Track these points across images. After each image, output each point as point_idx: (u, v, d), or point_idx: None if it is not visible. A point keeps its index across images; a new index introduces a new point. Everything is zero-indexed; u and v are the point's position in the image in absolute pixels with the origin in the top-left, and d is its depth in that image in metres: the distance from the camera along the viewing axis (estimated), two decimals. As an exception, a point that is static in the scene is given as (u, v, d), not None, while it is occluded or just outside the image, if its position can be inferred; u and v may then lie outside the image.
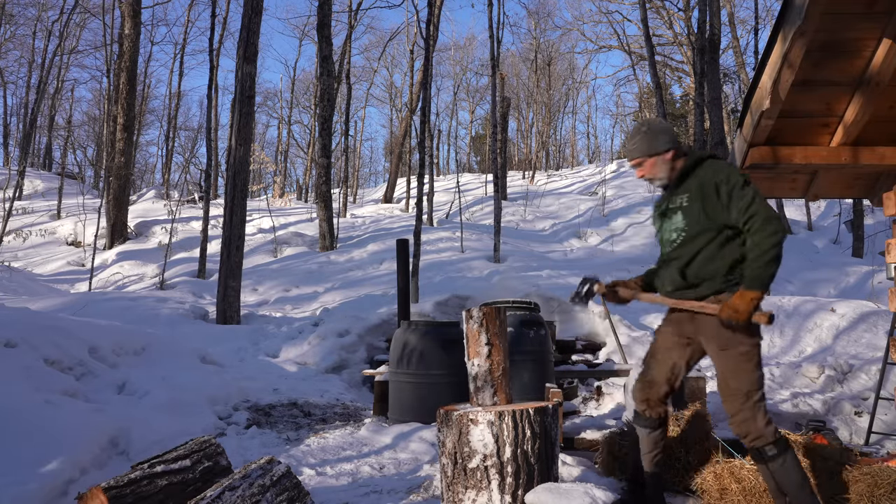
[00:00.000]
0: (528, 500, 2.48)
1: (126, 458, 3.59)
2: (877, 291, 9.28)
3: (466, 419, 2.64)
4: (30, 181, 21.88)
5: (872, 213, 16.04)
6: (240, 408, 5.02)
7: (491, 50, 14.49)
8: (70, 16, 20.07)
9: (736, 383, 2.56)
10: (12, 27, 24.92)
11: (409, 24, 26.32)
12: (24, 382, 3.88)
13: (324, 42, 14.71)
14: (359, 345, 6.87)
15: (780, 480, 2.50)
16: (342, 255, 13.99)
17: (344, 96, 21.67)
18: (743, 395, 2.54)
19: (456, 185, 19.69)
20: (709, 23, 12.11)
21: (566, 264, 12.59)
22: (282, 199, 23.82)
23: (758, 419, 2.52)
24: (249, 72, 9.08)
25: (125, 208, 15.94)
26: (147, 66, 27.91)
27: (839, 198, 4.62)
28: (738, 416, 2.56)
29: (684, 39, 22.44)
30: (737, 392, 2.56)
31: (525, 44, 33.05)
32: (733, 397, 2.57)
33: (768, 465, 2.51)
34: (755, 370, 2.56)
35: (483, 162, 35.73)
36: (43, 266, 14.62)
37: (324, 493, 3.28)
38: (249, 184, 11.70)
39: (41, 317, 5.34)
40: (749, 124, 3.74)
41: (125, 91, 15.52)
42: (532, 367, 4.90)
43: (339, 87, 20.51)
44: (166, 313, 8.35)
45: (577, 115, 49.75)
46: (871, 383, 5.30)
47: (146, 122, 29.98)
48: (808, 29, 3.16)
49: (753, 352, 2.56)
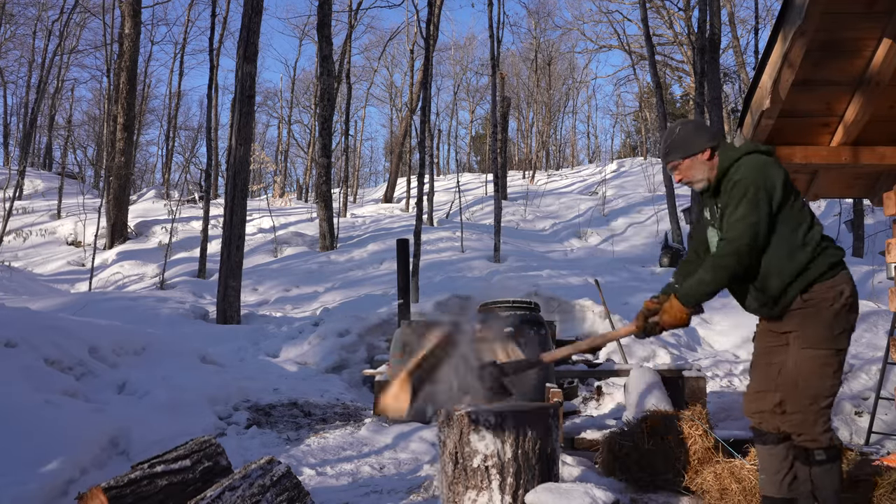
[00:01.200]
0: (529, 500, 2.48)
1: (126, 458, 3.58)
2: (877, 291, 9.27)
3: (467, 419, 2.63)
4: (30, 181, 21.87)
5: (872, 213, 16.03)
6: (240, 408, 5.01)
7: (491, 50, 14.49)
8: (70, 15, 20.06)
9: (805, 384, 2.44)
10: (12, 27, 24.94)
11: (409, 23, 26.35)
12: (24, 382, 3.88)
13: (324, 42, 14.71)
14: (359, 345, 6.87)
15: (820, 486, 2.44)
16: (342, 255, 13.99)
17: (344, 96, 21.68)
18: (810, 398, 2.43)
19: (456, 185, 19.69)
20: (709, 22, 12.11)
21: (566, 264, 12.59)
22: (282, 198, 23.83)
23: (820, 423, 2.42)
24: (249, 71, 9.08)
25: (125, 208, 15.94)
26: (147, 66, 27.92)
27: (839, 198, 4.63)
28: (796, 415, 2.45)
29: (684, 39, 22.45)
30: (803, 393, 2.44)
31: (525, 43, 33.08)
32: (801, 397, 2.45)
33: (812, 468, 2.44)
34: (832, 377, 2.43)
35: (483, 162, 35.74)
36: (43, 266, 14.62)
37: (324, 493, 3.28)
38: (249, 184, 11.70)
39: (41, 317, 5.34)
40: (749, 124, 3.74)
41: (125, 91, 15.53)
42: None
43: (339, 86, 20.51)
44: (166, 313, 8.35)
45: (577, 115, 49.75)
46: (871, 383, 5.29)
47: (146, 121, 30.00)
48: (808, 29, 3.16)
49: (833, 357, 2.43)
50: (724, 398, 5.13)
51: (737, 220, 2.38)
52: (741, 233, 2.36)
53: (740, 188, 2.41)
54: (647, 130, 31.81)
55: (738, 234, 2.37)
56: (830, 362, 2.41)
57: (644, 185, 20.67)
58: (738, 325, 7.03)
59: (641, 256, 13.25)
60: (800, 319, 2.45)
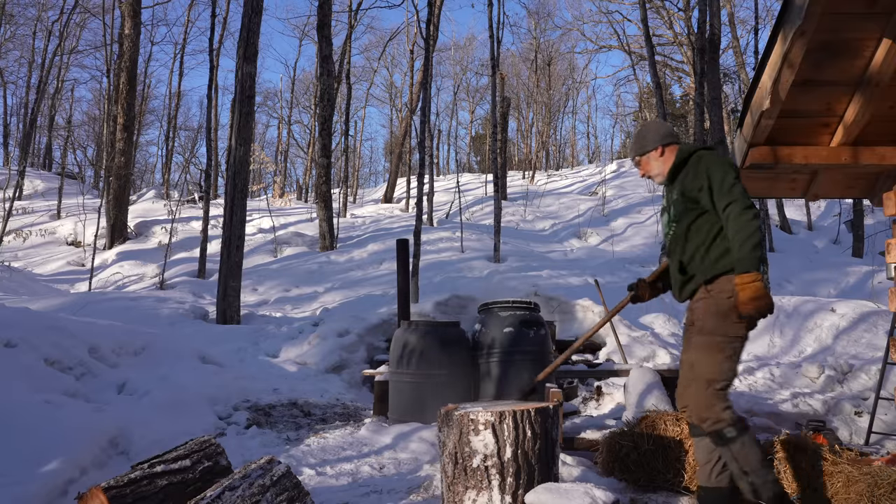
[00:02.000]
0: (529, 500, 2.48)
1: (126, 458, 3.58)
2: (877, 291, 9.28)
3: (467, 419, 2.64)
4: (30, 181, 21.87)
5: (872, 213, 16.04)
6: (240, 408, 5.01)
7: (491, 50, 14.49)
8: (70, 16, 20.09)
9: (700, 368, 2.64)
10: (12, 27, 24.90)
11: (409, 24, 26.35)
12: (24, 382, 3.89)
13: (324, 42, 14.71)
14: (359, 345, 6.86)
15: (742, 461, 2.57)
16: (342, 255, 13.99)
17: (344, 96, 21.66)
18: (705, 382, 2.62)
19: (456, 185, 19.69)
20: (709, 23, 12.11)
21: (566, 264, 12.59)
22: (282, 199, 23.81)
23: (718, 404, 2.59)
24: (249, 72, 9.08)
25: (125, 208, 15.94)
26: (147, 66, 27.96)
27: (839, 198, 4.62)
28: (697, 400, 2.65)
29: (684, 39, 22.44)
30: (699, 378, 2.64)
31: (525, 44, 33.09)
32: (696, 383, 2.65)
33: (730, 447, 2.57)
34: (726, 361, 2.61)
35: (483, 162, 35.73)
36: (43, 266, 14.62)
37: (324, 493, 3.28)
38: (249, 184, 11.69)
39: (41, 317, 5.34)
40: (749, 124, 3.74)
41: (125, 91, 15.53)
42: (532, 367, 4.89)
43: (339, 87, 20.50)
44: (166, 313, 8.35)
45: (577, 115, 49.77)
46: (871, 383, 5.30)
47: (146, 122, 29.98)
48: (808, 29, 3.16)
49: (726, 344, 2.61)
50: (723, 398, 5.13)
51: (730, 188, 2.60)
52: (743, 194, 2.58)
53: (717, 167, 2.66)
54: (647, 131, 31.71)
55: (742, 196, 2.57)
56: (723, 348, 2.61)
57: (644, 185, 20.65)
58: (738, 326, 7.03)
59: (641, 256, 13.24)
60: (702, 310, 2.70)
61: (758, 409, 4.96)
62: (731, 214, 2.55)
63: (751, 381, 5.79)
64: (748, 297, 2.44)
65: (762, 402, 5.13)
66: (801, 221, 17.97)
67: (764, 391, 5.54)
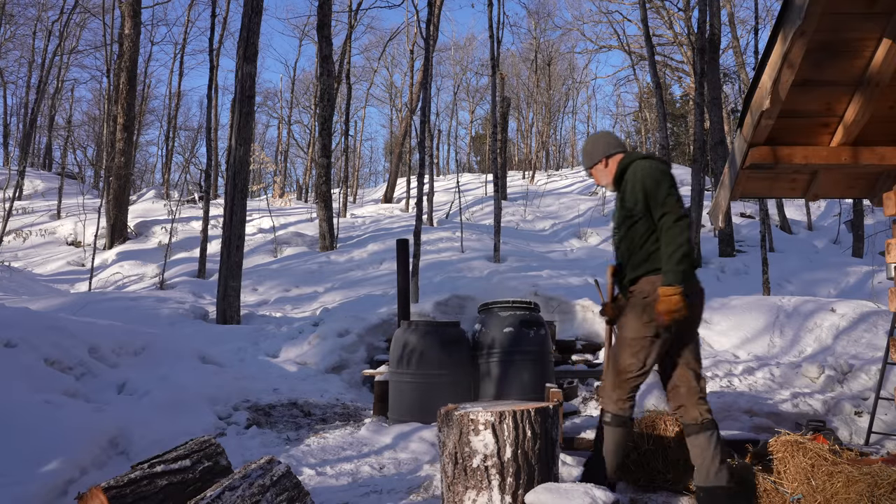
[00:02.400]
0: (529, 500, 2.48)
1: (126, 458, 3.58)
2: (877, 291, 9.28)
3: (467, 419, 2.64)
4: (30, 181, 21.87)
5: (872, 213, 16.05)
6: (240, 408, 5.01)
7: (491, 50, 14.49)
8: (70, 16, 20.08)
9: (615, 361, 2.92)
10: (12, 27, 24.91)
11: (409, 24, 26.35)
12: (24, 382, 3.89)
13: (324, 42, 14.71)
14: (359, 345, 6.87)
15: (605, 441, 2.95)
16: (342, 255, 13.99)
17: (344, 96, 21.66)
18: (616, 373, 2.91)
19: (456, 185, 19.68)
20: (709, 23, 12.12)
21: (566, 264, 12.59)
22: (282, 199, 23.80)
23: (615, 392, 2.90)
24: (249, 72, 9.08)
25: (125, 208, 15.94)
26: (147, 66, 27.98)
27: (839, 198, 4.62)
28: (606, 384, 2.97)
29: (684, 39, 22.44)
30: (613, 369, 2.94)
31: (525, 44, 33.09)
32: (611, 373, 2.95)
33: (603, 427, 2.96)
34: (631, 357, 2.85)
35: (483, 162, 35.73)
36: (43, 266, 14.62)
37: (324, 493, 3.28)
38: (249, 184, 11.69)
39: (41, 317, 5.34)
40: (749, 124, 3.73)
41: (125, 91, 15.53)
42: (532, 367, 4.90)
43: (339, 87, 20.50)
44: (166, 313, 8.34)
45: (577, 115, 49.78)
46: (871, 383, 5.30)
47: (146, 122, 29.98)
48: (808, 29, 3.16)
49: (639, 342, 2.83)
50: (723, 398, 5.13)
51: (664, 198, 2.79)
52: (677, 204, 2.78)
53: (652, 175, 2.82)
54: (647, 131, 31.79)
55: (675, 206, 2.77)
56: (636, 346, 2.83)
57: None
58: (738, 326, 7.03)
59: (641, 257, 13.21)
60: (626, 311, 2.93)
61: (758, 409, 4.96)
62: (664, 226, 2.74)
63: (751, 380, 5.79)
64: (664, 308, 2.67)
65: (762, 401, 5.13)
66: (801, 221, 17.96)
67: (764, 391, 5.53)
